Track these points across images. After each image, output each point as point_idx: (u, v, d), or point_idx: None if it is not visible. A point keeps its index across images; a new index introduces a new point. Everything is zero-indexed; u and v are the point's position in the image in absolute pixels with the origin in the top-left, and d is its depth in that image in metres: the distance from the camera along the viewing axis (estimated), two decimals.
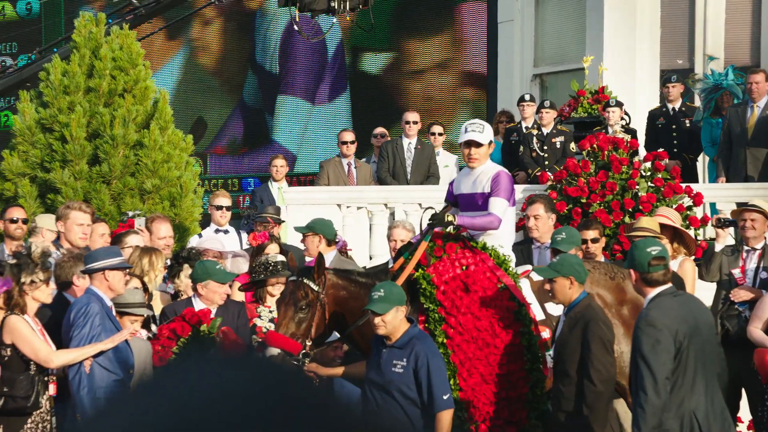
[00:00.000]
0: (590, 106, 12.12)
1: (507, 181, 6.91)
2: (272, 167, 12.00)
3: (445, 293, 6.58)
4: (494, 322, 6.56)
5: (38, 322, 6.55)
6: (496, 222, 6.79)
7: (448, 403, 6.04)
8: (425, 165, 11.78)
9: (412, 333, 6.12)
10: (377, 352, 6.17)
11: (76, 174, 9.96)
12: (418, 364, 6.01)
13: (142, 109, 10.31)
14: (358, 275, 6.72)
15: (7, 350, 6.36)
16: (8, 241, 8.43)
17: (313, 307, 6.38)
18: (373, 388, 6.13)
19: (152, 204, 9.96)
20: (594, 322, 6.27)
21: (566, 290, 6.33)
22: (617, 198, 9.51)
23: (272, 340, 6.31)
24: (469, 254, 6.70)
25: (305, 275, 6.42)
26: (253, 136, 16.21)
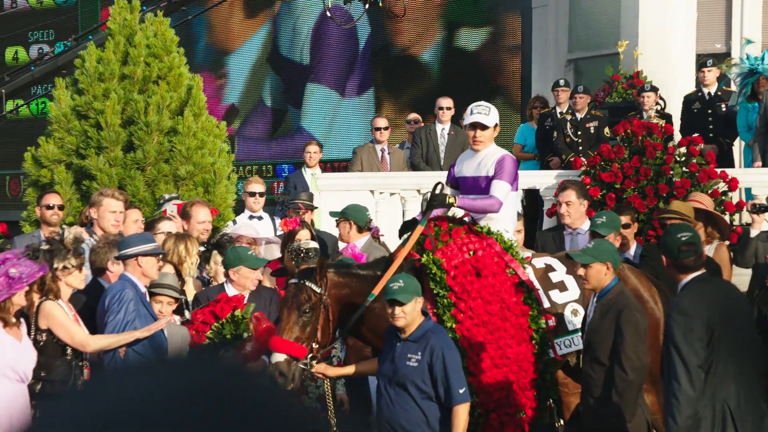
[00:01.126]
0: (625, 91, 12.02)
1: (511, 165, 6.84)
2: (306, 153, 12.01)
3: (455, 278, 6.49)
4: (504, 306, 6.48)
5: (72, 307, 6.58)
6: (496, 205, 6.71)
7: (464, 396, 5.95)
8: (458, 151, 11.68)
9: (426, 326, 6.03)
10: (391, 346, 6.06)
11: (111, 161, 9.98)
12: (433, 357, 5.91)
13: (176, 95, 10.31)
14: (359, 268, 6.57)
15: (42, 335, 6.40)
16: (44, 227, 8.48)
17: (316, 309, 6.22)
18: (387, 382, 6.01)
19: (186, 190, 9.98)
20: (628, 309, 6.21)
21: (602, 276, 6.26)
22: (651, 183, 9.43)
23: (277, 346, 6.15)
24: (476, 239, 6.61)
25: (306, 277, 6.25)
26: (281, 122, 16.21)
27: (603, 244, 6.39)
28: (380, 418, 6.03)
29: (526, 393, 6.45)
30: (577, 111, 11.33)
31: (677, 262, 5.83)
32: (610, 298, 6.26)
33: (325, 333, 6.25)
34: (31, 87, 15.23)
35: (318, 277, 6.23)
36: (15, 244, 8.15)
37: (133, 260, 6.64)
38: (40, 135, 10.42)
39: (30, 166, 10.16)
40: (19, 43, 17.44)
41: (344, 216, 8.46)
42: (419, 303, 5.98)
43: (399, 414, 5.93)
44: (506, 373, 6.41)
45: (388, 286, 5.98)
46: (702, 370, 5.56)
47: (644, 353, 6.23)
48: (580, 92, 11.36)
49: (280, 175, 15.21)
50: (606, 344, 6.15)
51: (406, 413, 5.92)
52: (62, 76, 11.26)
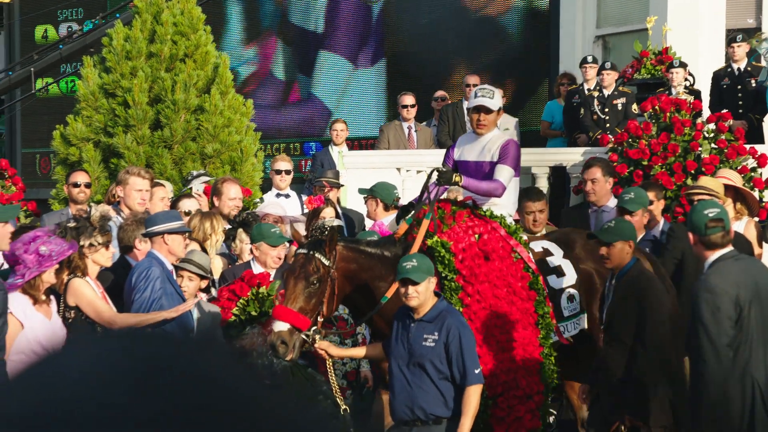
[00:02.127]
0: (653, 68, 11.88)
1: (516, 150, 6.76)
2: (332, 131, 12.01)
3: (463, 261, 6.40)
4: (510, 291, 6.42)
5: (99, 284, 6.60)
6: (500, 190, 6.63)
7: (479, 377, 5.89)
8: None
9: (441, 306, 5.95)
10: (404, 327, 5.96)
11: (138, 139, 10.01)
12: (449, 337, 5.83)
13: (202, 74, 10.32)
14: (368, 246, 6.44)
15: (71, 312, 6.41)
16: (72, 205, 8.52)
17: (324, 282, 6.11)
18: (402, 363, 5.92)
19: (213, 168, 9.99)
20: (651, 289, 6.17)
21: (623, 254, 6.21)
22: (679, 160, 9.35)
23: (280, 315, 6.04)
24: (480, 222, 6.53)
25: (315, 248, 6.13)
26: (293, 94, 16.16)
27: (624, 223, 6.33)
28: (396, 400, 5.94)
29: (533, 378, 6.39)
30: (605, 88, 11.23)
31: (704, 238, 5.78)
32: (631, 276, 6.20)
33: (330, 306, 6.16)
34: (60, 65, 15.28)
35: (327, 249, 6.12)
36: (43, 221, 8.23)
37: (160, 238, 6.64)
38: (70, 113, 10.46)
39: (58, 144, 10.21)
40: (48, 22, 17.48)
41: (372, 194, 8.46)
42: (432, 283, 5.90)
43: (417, 395, 5.85)
44: (513, 356, 6.36)
45: (401, 265, 5.87)
46: (730, 349, 5.52)
47: (667, 332, 6.18)
48: (608, 69, 11.26)
49: (307, 153, 15.20)
50: (628, 323, 6.10)
51: (425, 394, 5.85)
52: (90, 54, 11.30)
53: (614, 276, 6.29)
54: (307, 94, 16.01)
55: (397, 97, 12.44)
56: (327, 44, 15.81)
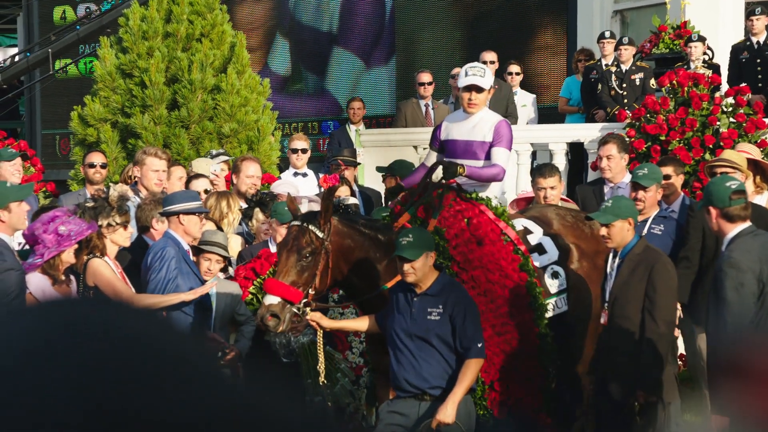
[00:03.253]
0: (672, 42, 11.80)
1: (509, 130, 6.65)
2: (350, 109, 11.99)
3: (457, 247, 6.30)
4: (503, 274, 6.32)
5: (118, 265, 6.60)
6: (501, 174, 6.54)
7: (481, 351, 5.76)
8: (503, 105, 11.57)
9: (444, 280, 5.84)
10: (405, 300, 5.83)
11: (155, 119, 10.01)
12: (455, 310, 5.73)
13: (219, 53, 10.31)
14: (363, 226, 6.22)
15: (89, 292, 6.39)
16: (89, 185, 8.53)
17: (317, 255, 5.93)
18: (406, 337, 5.80)
19: (230, 148, 9.98)
20: (661, 264, 6.10)
21: (624, 233, 6.10)
22: (697, 135, 9.28)
23: (271, 288, 5.88)
24: (467, 205, 6.42)
25: (310, 221, 5.97)
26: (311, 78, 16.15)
27: (621, 201, 6.23)
28: (401, 374, 5.82)
29: (532, 362, 6.29)
30: (623, 63, 11.16)
31: (728, 211, 5.72)
32: (637, 253, 6.11)
33: (323, 280, 5.98)
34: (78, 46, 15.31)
35: (322, 221, 5.97)
36: (60, 202, 8.22)
37: (176, 218, 6.63)
38: (88, 94, 10.47)
39: (76, 125, 10.22)
40: (66, 3, 17.50)
41: (390, 171, 8.43)
42: (431, 258, 5.76)
43: (423, 368, 5.76)
44: (509, 339, 6.25)
45: (397, 241, 5.74)
46: (753, 326, 5.47)
47: (676, 307, 6.14)
48: (625, 44, 11.18)
49: (325, 132, 15.19)
50: (637, 299, 6.03)
51: (431, 367, 5.75)
52: (107, 35, 11.30)
53: (617, 254, 6.19)
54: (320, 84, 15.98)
55: (413, 75, 12.41)
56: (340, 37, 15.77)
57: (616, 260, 6.19)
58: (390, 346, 5.89)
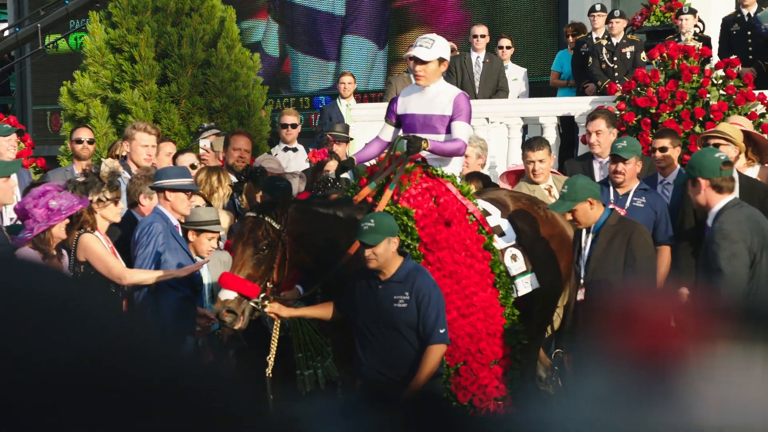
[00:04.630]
0: (663, 15, 11.77)
1: (468, 104, 6.46)
2: (340, 84, 11.93)
3: (424, 228, 6.18)
4: (469, 254, 6.20)
5: (109, 240, 6.58)
6: (463, 149, 6.40)
7: (444, 337, 5.64)
8: (494, 79, 11.57)
9: (409, 266, 5.70)
10: (369, 288, 5.69)
11: (145, 94, 9.99)
12: (419, 296, 5.61)
13: (209, 28, 10.28)
14: (320, 206, 6.07)
15: (80, 267, 6.39)
16: (76, 161, 8.48)
17: (274, 247, 5.73)
18: (373, 325, 5.67)
19: (220, 123, 9.94)
20: (638, 233, 6.08)
21: (589, 213, 6.08)
22: (687, 107, 9.25)
23: (227, 282, 5.69)
24: (433, 182, 6.30)
25: (265, 211, 5.77)
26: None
27: (576, 184, 6.14)
28: (369, 363, 5.68)
29: (495, 340, 6.16)
30: (613, 36, 11.12)
31: (718, 182, 5.71)
32: (612, 224, 6.10)
33: (281, 272, 5.81)
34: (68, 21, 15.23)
35: (279, 212, 5.79)
36: (48, 178, 8.16)
37: (163, 194, 6.63)
38: (76, 69, 10.45)
39: (66, 100, 10.20)
40: None
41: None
42: (393, 243, 5.62)
43: (391, 357, 5.64)
44: (474, 321, 6.11)
45: (359, 226, 5.58)
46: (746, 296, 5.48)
47: (655, 275, 6.11)
48: (616, 17, 11.13)
49: (317, 107, 15.14)
50: (616, 267, 6.01)
51: (401, 354, 5.64)
52: (96, 9, 11.25)
53: (589, 230, 6.16)
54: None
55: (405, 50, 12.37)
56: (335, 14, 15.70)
57: (589, 236, 6.16)
58: (355, 335, 5.76)
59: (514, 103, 11.17)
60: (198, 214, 6.72)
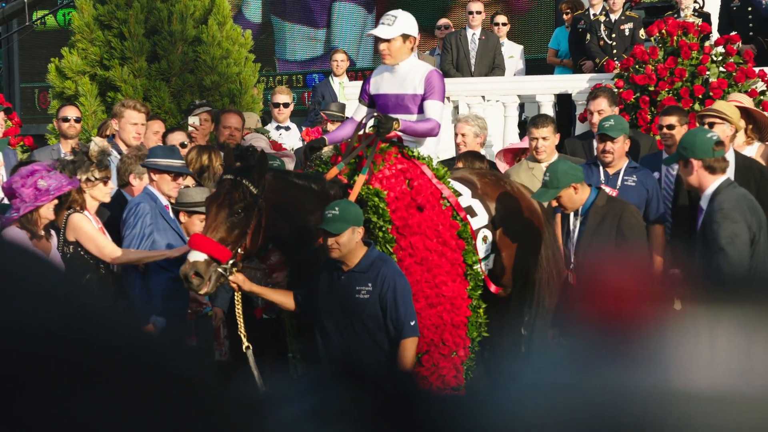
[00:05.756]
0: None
1: (440, 81, 6.31)
2: (332, 62, 11.86)
3: (396, 211, 6.04)
4: (441, 241, 6.08)
5: (99, 220, 6.55)
6: (437, 129, 6.25)
7: (414, 330, 5.51)
8: (490, 56, 11.51)
9: (373, 255, 5.55)
10: (330, 278, 5.57)
11: (135, 71, 9.95)
12: (384, 287, 5.47)
13: (199, 4, 10.22)
14: (296, 177, 5.95)
15: (69, 248, 6.36)
16: (63, 140, 8.44)
17: (250, 211, 5.60)
18: (334, 318, 5.53)
19: (212, 101, 9.87)
20: (628, 213, 6.06)
21: (574, 197, 6.06)
22: (686, 85, 9.20)
23: (198, 244, 5.54)
24: (408, 164, 6.18)
25: (244, 175, 5.61)
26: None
27: (557, 171, 6.10)
28: (326, 357, 5.55)
29: (459, 332, 6.04)
30: (612, 12, 11.05)
31: (711, 162, 5.69)
32: (600, 206, 6.07)
33: (255, 239, 5.64)
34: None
35: (257, 176, 5.63)
36: (34, 157, 8.10)
37: (148, 174, 6.62)
38: (64, 46, 10.39)
39: (54, 78, 10.13)
40: None
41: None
42: (358, 233, 5.47)
43: (355, 350, 5.48)
44: (440, 312, 5.98)
45: (323, 214, 5.45)
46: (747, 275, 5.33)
47: (647, 254, 6.06)
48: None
49: (310, 85, 15.09)
50: (607, 248, 5.98)
51: (364, 348, 5.49)
52: None
53: (577, 212, 6.13)
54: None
55: None
56: None
57: (577, 218, 6.11)
58: (316, 329, 5.64)
59: (511, 81, 11.13)
60: (188, 194, 6.66)
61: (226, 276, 5.57)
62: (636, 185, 6.99)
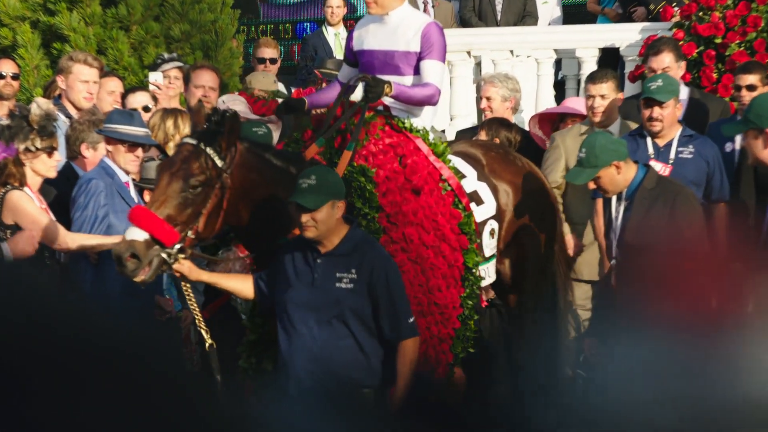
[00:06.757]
0: None
1: (440, 36, 6.30)
2: (326, 8, 11.89)
3: (387, 194, 5.99)
4: (440, 234, 6.05)
5: (42, 199, 6.59)
6: (436, 96, 6.26)
7: (413, 328, 5.42)
8: (519, 2, 11.58)
9: (356, 236, 5.44)
10: (306, 264, 5.45)
11: (87, 18, 9.93)
12: (373, 277, 5.35)
13: None
14: (274, 155, 5.80)
15: (6, 233, 6.36)
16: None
17: (209, 188, 5.44)
18: (305, 313, 5.40)
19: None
20: (683, 197, 6.13)
21: (617, 178, 6.10)
22: (762, 36, 9.15)
23: (139, 219, 5.41)
24: (399, 138, 6.15)
25: (209, 141, 5.47)
26: None
27: (595, 146, 6.12)
28: (294, 361, 5.41)
29: (442, 346, 6.03)
30: None
31: None
32: (649, 188, 6.11)
33: (211, 223, 5.51)
34: None
35: (224, 144, 5.49)
36: None
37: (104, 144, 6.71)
38: None
39: None
40: None
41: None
42: (339, 208, 5.37)
43: (328, 355, 5.35)
44: (430, 323, 5.97)
45: (296, 184, 5.33)
46: None
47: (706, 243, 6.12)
48: None
49: (299, 36, 15.10)
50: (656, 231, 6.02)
51: (341, 352, 5.36)
52: None
53: (621, 196, 6.19)
54: None
55: None
56: None
57: (621, 203, 6.16)
58: (280, 325, 5.49)
59: (545, 32, 11.11)
60: (153, 169, 6.61)
61: (169, 263, 5.42)
62: (693, 157, 7.04)
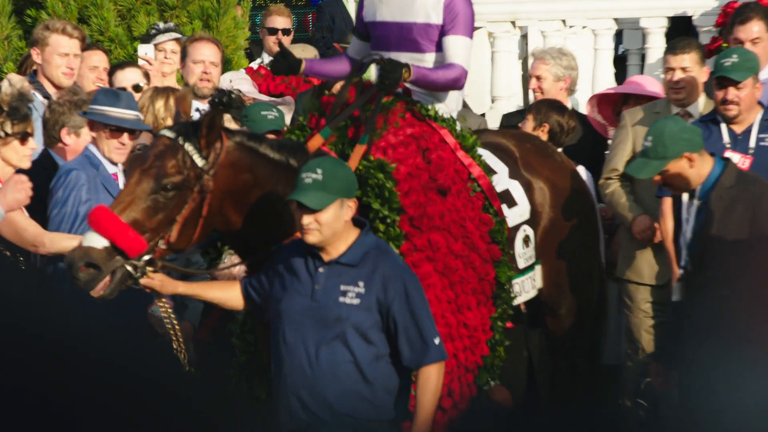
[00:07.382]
0: None
1: (468, 7, 6.30)
2: None
3: (410, 194, 5.86)
4: (469, 243, 6.00)
5: None
6: (463, 78, 6.17)
7: (440, 351, 5.22)
8: None
9: (367, 242, 5.26)
10: (306, 272, 5.30)
11: None
12: (388, 293, 5.17)
13: None
14: (270, 148, 5.57)
15: None
16: None
17: (185, 191, 5.29)
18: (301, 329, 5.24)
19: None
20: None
21: (689, 172, 6.00)
22: None
23: (99, 223, 5.23)
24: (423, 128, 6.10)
25: (187, 136, 5.31)
26: None
27: (662, 132, 6.01)
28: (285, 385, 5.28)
29: (467, 376, 5.97)
30: None
31: None
32: (727, 186, 6.04)
33: (187, 233, 5.35)
34: None
35: (204, 140, 5.31)
36: None
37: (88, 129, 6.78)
38: None
39: None
40: None
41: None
42: (348, 209, 5.20)
43: (323, 382, 5.20)
44: (458, 348, 5.91)
45: (297, 178, 5.17)
46: None
47: None
48: None
49: (315, 4, 15.05)
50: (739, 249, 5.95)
51: (339, 381, 5.20)
52: None
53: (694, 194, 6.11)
54: None
55: None
56: None
57: (693, 203, 6.11)
58: (273, 341, 5.34)
59: None
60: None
61: (135, 277, 5.28)
62: None
